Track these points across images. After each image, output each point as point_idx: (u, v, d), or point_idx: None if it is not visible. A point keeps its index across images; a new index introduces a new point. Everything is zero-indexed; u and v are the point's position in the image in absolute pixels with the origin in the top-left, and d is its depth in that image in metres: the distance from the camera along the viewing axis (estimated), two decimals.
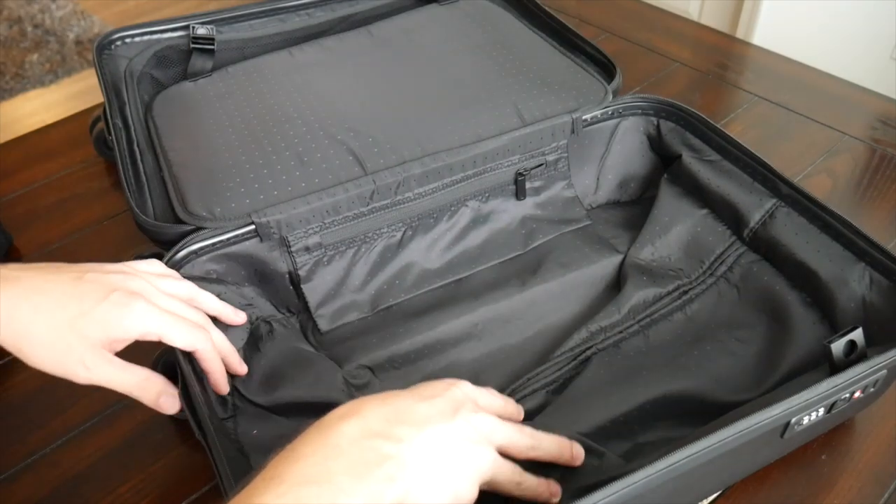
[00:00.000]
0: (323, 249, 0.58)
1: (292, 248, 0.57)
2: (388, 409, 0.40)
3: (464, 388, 0.43)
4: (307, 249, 0.58)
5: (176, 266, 0.55)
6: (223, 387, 0.51)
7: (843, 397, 0.47)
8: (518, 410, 0.48)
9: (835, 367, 0.46)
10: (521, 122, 0.64)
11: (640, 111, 0.68)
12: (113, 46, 0.74)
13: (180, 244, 0.55)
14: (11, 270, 0.45)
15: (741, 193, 0.61)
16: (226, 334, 0.53)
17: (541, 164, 0.64)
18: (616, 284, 0.62)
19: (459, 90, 0.68)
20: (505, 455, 0.43)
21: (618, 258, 0.63)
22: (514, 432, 0.43)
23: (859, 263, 0.54)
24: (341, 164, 0.60)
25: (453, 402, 0.42)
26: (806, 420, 0.47)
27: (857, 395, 0.48)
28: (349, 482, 0.36)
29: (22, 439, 0.55)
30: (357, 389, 0.54)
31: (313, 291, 0.58)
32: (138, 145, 0.64)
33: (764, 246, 0.60)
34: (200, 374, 0.50)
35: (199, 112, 0.68)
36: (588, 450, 0.47)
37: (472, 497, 0.40)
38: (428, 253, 0.62)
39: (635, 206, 0.68)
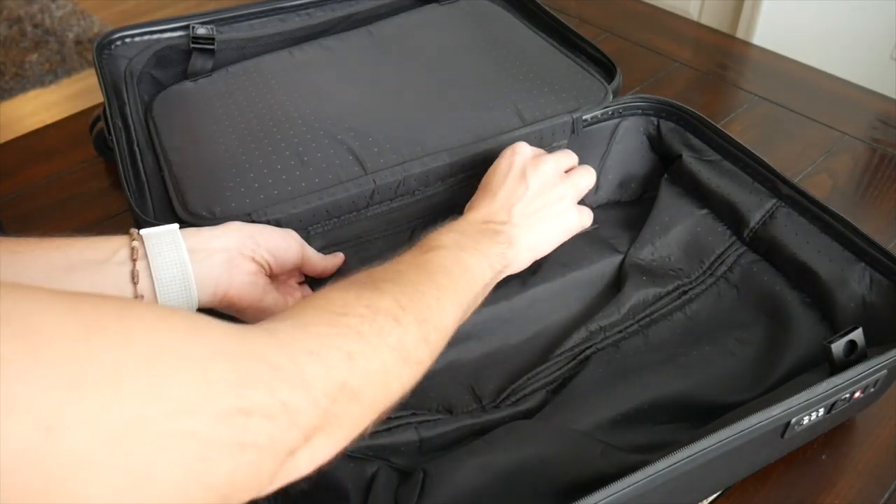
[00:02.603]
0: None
1: None
2: (484, 210, 0.54)
3: (522, 152, 0.59)
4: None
5: None
6: None
7: (843, 397, 0.47)
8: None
9: (835, 367, 0.46)
10: (521, 122, 0.64)
11: (640, 111, 0.68)
12: (113, 46, 0.74)
13: None
14: None
15: (741, 193, 0.61)
16: None
17: None
18: (616, 284, 0.62)
19: (459, 90, 0.68)
20: None
21: (618, 258, 0.63)
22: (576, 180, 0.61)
23: (859, 263, 0.54)
24: (341, 164, 0.60)
25: (543, 179, 0.57)
26: (806, 420, 0.47)
27: (857, 395, 0.48)
28: (475, 246, 0.50)
29: None
30: None
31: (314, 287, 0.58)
32: (138, 145, 0.64)
33: (764, 246, 0.60)
34: None
35: (199, 112, 0.68)
36: (589, 442, 0.47)
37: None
38: None
39: (635, 206, 0.68)
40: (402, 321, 0.40)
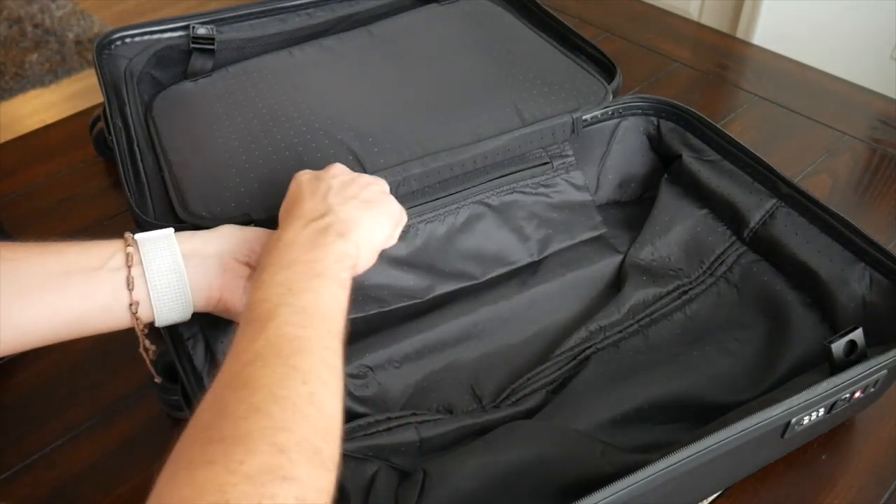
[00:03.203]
0: None
1: None
2: (299, 215, 0.46)
3: (336, 168, 0.52)
4: None
5: None
6: None
7: (843, 397, 0.47)
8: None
9: (835, 367, 0.46)
10: (521, 122, 0.64)
11: (640, 111, 0.68)
12: (113, 46, 0.74)
13: None
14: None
15: (741, 193, 0.61)
16: (227, 336, 0.53)
17: (545, 163, 0.64)
18: (616, 284, 0.62)
19: (459, 90, 0.68)
20: None
21: (618, 258, 0.63)
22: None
23: (859, 263, 0.54)
24: (341, 164, 0.60)
25: (341, 177, 0.50)
26: (806, 420, 0.47)
27: (857, 395, 0.48)
28: (312, 254, 0.43)
29: (22, 439, 0.55)
30: (358, 389, 0.53)
31: None
32: (138, 145, 0.64)
33: (764, 246, 0.60)
34: (200, 375, 0.50)
35: (199, 112, 0.68)
36: (589, 442, 0.47)
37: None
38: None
39: (635, 206, 0.68)
40: (292, 473, 0.32)
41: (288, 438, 0.33)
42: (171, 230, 0.48)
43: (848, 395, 0.47)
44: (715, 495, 0.51)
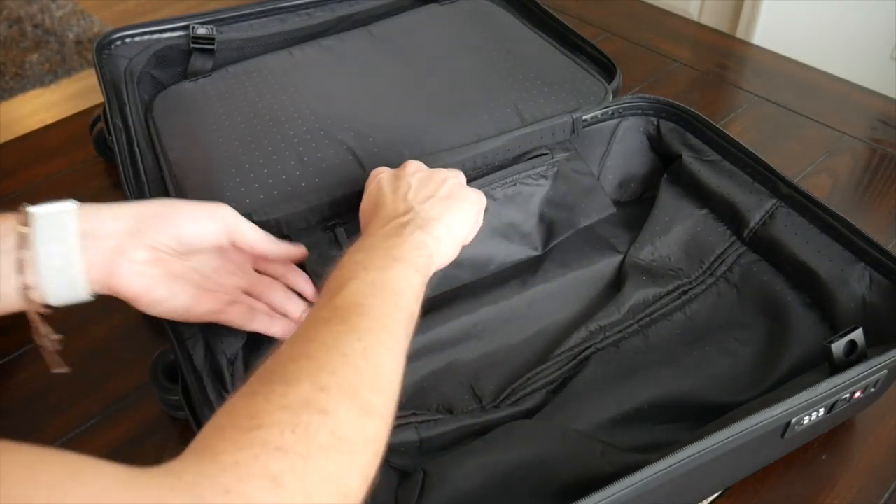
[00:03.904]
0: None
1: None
2: (381, 216, 0.48)
3: (414, 165, 0.54)
4: (311, 247, 0.57)
5: None
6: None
7: (843, 397, 0.47)
8: None
9: (835, 368, 0.46)
10: (521, 122, 0.64)
11: (640, 111, 0.68)
12: (113, 46, 0.74)
13: None
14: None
15: (741, 193, 0.61)
16: (227, 337, 0.53)
17: (544, 154, 0.64)
18: (616, 284, 0.62)
19: (459, 90, 0.68)
20: None
21: (618, 258, 0.63)
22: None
23: (859, 263, 0.54)
24: (341, 164, 0.60)
25: (419, 174, 0.52)
26: (806, 420, 0.47)
27: (857, 395, 0.48)
28: (391, 242, 0.45)
29: (22, 439, 0.55)
30: None
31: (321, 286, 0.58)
32: (138, 145, 0.64)
33: (764, 246, 0.60)
34: (200, 375, 0.50)
35: (199, 112, 0.68)
36: (589, 442, 0.47)
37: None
38: None
39: (635, 206, 0.68)
40: (329, 408, 0.33)
41: (331, 380, 0.34)
42: (71, 205, 0.44)
43: (848, 395, 0.48)
44: (715, 495, 0.51)
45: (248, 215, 0.56)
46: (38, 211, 0.43)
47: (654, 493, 0.42)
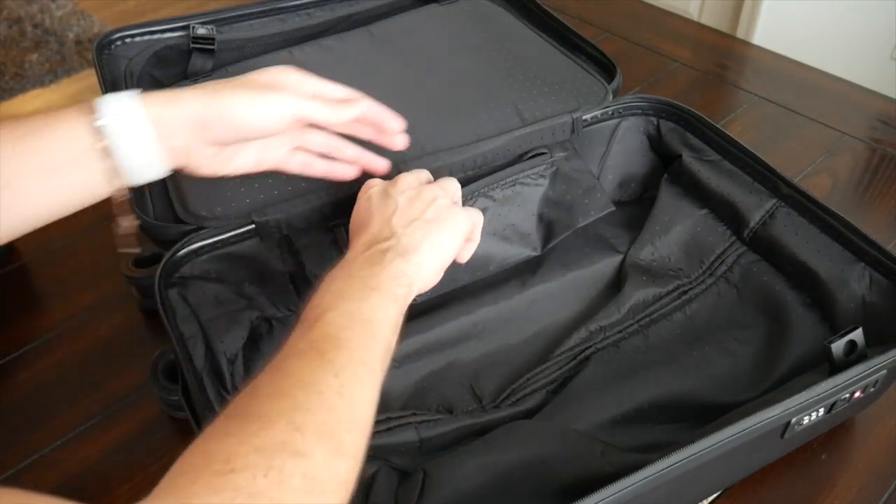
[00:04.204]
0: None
1: (298, 247, 0.57)
2: (364, 238, 0.48)
3: (406, 180, 0.53)
4: (312, 248, 0.57)
5: (176, 266, 0.55)
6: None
7: (843, 397, 0.47)
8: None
9: (835, 367, 0.46)
10: (521, 122, 0.64)
11: (640, 111, 0.68)
12: (113, 46, 0.74)
13: (180, 244, 0.55)
14: None
15: (741, 193, 0.61)
16: (227, 337, 0.53)
17: (543, 153, 0.64)
18: (616, 284, 0.62)
19: (459, 90, 0.68)
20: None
21: (618, 258, 0.63)
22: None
23: (859, 263, 0.54)
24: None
25: (409, 193, 0.51)
26: (806, 420, 0.47)
27: (857, 395, 0.48)
28: (369, 271, 0.45)
29: (22, 439, 0.55)
30: None
31: None
32: None
33: (764, 246, 0.60)
34: (200, 375, 0.50)
35: None
36: (589, 442, 0.47)
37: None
38: None
39: (635, 206, 0.68)
40: (304, 449, 0.33)
41: (306, 419, 0.34)
42: (143, 112, 0.45)
43: (848, 395, 0.48)
44: (715, 495, 0.51)
45: (248, 215, 0.56)
46: (111, 123, 0.44)
47: (654, 493, 0.42)
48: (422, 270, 0.47)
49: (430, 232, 0.49)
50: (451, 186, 0.54)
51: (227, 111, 0.48)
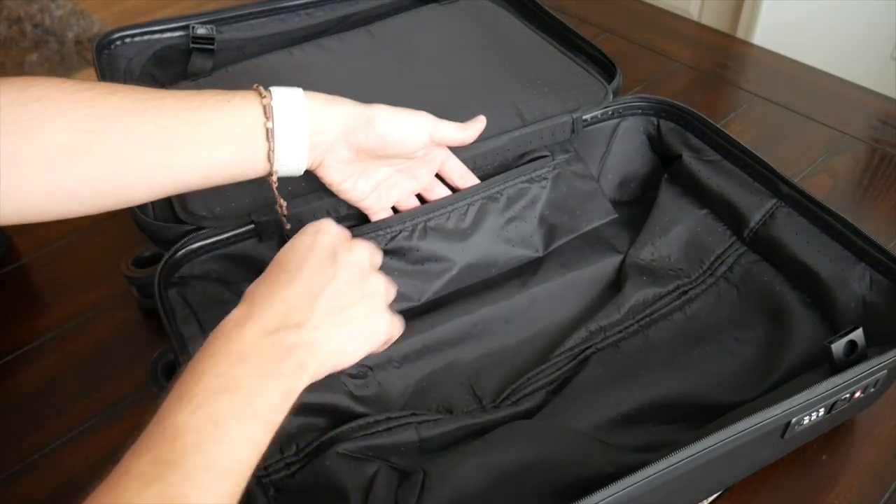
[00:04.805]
0: None
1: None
2: (274, 301, 0.41)
3: (327, 229, 0.46)
4: None
5: (175, 266, 0.55)
6: None
7: (843, 397, 0.47)
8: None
9: (835, 368, 0.46)
10: (521, 122, 0.64)
11: (640, 111, 0.68)
12: (113, 46, 0.74)
13: (180, 244, 0.55)
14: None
15: (741, 193, 0.61)
16: None
17: (545, 156, 0.64)
18: (616, 284, 0.62)
19: (459, 90, 0.68)
20: None
21: (618, 258, 0.63)
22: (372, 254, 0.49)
23: (859, 263, 0.54)
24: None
25: (326, 251, 0.45)
26: (806, 420, 0.47)
27: (857, 395, 0.48)
28: (260, 383, 0.37)
29: (22, 439, 0.55)
30: (358, 389, 0.53)
31: None
32: None
33: (764, 246, 0.60)
34: None
35: None
36: (589, 442, 0.47)
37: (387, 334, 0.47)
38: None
39: (635, 206, 0.68)
40: None
41: None
42: (305, 103, 0.49)
43: (848, 396, 0.48)
44: (715, 495, 0.51)
45: (247, 215, 0.56)
46: (279, 109, 0.48)
47: (654, 493, 0.42)
48: (315, 377, 0.41)
49: (347, 333, 0.43)
50: (393, 287, 0.49)
51: (374, 118, 0.52)
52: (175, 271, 0.55)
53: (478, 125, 0.58)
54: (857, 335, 0.47)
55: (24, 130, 0.41)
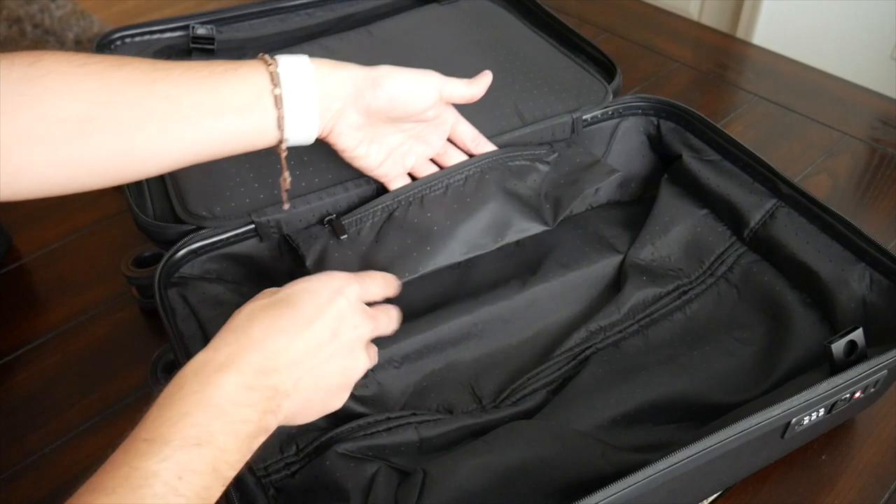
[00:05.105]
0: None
1: (297, 242, 0.57)
2: (263, 354, 0.40)
3: (348, 295, 0.45)
4: (311, 241, 0.57)
5: (175, 266, 0.55)
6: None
7: (843, 398, 0.47)
8: (394, 283, 0.53)
9: (835, 368, 0.46)
10: (521, 122, 0.64)
11: (640, 111, 0.68)
12: (113, 46, 0.74)
13: (180, 244, 0.55)
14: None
15: (741, 193, 0.61)
16: None
17: (546, 143, 0.63)
18: (616, 284, 0.62)
19: None
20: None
21: (618, 258, 0.63)
22: (378, 325, 0.48)
23: (859, 263, 0.54)
24: (341, 164, 0.60)
25: (335, 321, 0.43)
26: (806, 420, 0.47)
27: (857, 395, 0.48)
28: (232, 442, 0.37)
29: (22, 439, 0.55)
30: (358, 389, 0.53)
31: None
32: None
33: (764, 246, 0.60)
34: None
35: None
36: (589, 442, 0.47)
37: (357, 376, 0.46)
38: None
39: (635, 206, 0.68)
40: None
41: None
42: (311, 68, 0.49)
43: (848, 396, 0.47)
44: (715, 495, 0.51)
45: (247, 215, 0.56)
46: (286, 75, 0.48)
47: (654, 493, 0.42)
48: (270, 432, 0.40)
49: (315, 401, 0.43)
50: (388, 327, 0.50)
51: (381, 76, 0.52)
52: (175, 271, 0.55)
53: (485, 79, 0.57)
54: (857, 335, 0.47)
55: (34, 104, 0.41)
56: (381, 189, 0.59)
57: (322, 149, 0.63)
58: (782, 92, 0.87)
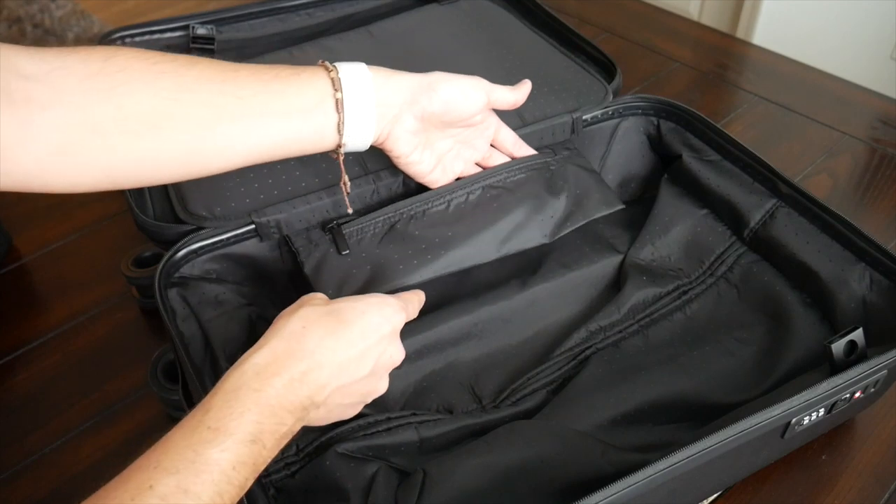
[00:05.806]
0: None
1: (298, 247, 0.57)
2: (310, 365, 0.42)
3: (395, 325, 0.47)
4: (311, 248, 0.57)
5: (176, 266, 0.55)
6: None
7: (843, 398, 0.47)
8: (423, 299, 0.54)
9: (835, 368, 0.46)
10: (522, 121, 0.64)
11: (640, 111, 0.68)
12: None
13: (180, 244, 0.55)
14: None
15: (741, 193, 0.61)
16: (227, 336, 0.53)
17: (548, 146, 0.63)
18: (616, 284, 0.62)
19: None
20: None
21: (618, 258, 0.63)
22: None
23: (859, 264, 0.54)
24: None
25: (376, 350, 0.45)
26: (806, 420, 0.47)
27: (857, 395, 0.48)
28: (272, 441, 0.39)
29: (22, 439, 0.55)
30: None
31: (319, 288, 0.58)
32: None
33: (764, 246, 0.60)
34: (200, 374, 0.50)
35: None
36: (589, 442, 0.47)
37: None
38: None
39: (635, 206, 0.68)
40: None
41: None
42: (370, 76, 0.51)
43: (848, 396, 0.48)
44: (715, 495, 0.51)
45: (247, 215, 0.56)
46: (347, 81, 0.50)
47: (654, 493, 0.42)
48: (315, 419, 0.44)
49: (337, 412, 0.46)
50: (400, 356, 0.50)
51: (435, 82, 0.54)
52: (175, 271, 0.55)
53: (525, 87, 0.59)
54: (857, 335, 0.47)
55: (112, 98, 0.42)
56: (380, 188, 0.59)
57: None
58: (782, 92, 0.87)
